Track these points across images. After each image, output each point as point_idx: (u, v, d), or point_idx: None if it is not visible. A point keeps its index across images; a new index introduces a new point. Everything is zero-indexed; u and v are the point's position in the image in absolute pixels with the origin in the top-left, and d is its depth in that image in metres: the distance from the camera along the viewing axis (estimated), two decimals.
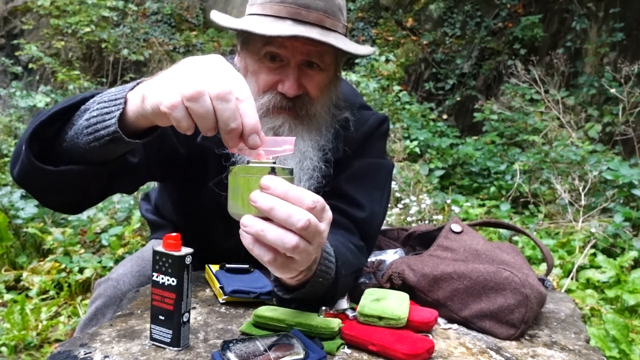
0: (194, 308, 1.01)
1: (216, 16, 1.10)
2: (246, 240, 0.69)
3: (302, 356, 0.77)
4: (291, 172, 0.72)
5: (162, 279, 0.80)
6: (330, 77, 1.13)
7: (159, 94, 0.69)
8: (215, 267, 1.17)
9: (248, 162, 0.72)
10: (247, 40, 1.09)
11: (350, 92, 1.28)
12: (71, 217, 3.45)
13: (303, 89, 1.08)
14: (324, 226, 0.71)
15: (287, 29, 1.00)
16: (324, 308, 0.93)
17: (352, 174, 1.19)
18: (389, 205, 3.92)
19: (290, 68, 1.06)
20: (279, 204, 0.66)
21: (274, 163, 0.70)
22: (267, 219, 0.68)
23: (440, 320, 1.02)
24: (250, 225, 0.68)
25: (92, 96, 0.88)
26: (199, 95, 0.65)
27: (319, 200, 0.70)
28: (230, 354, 0.76)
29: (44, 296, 2.80)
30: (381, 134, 1.27)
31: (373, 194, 1.19)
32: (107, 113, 0.80)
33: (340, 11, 1.09)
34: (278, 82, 1.07)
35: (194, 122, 0.67)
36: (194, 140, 1.10)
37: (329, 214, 0.73)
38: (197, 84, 0.65)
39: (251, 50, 1.09)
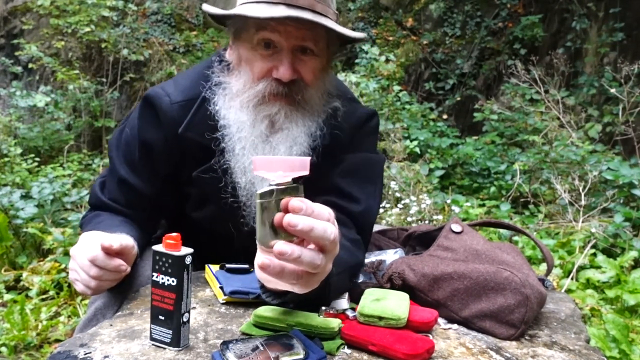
0: (194, 308, 1.01)
1: (209, 8, 1.12)
2: (274, 270, 0.70)
3: (302, 356, 0.77)
4: (302, 188, 0.74)
5: (162, 279, 0.80)
6: (323, 64, 1.15)
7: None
8: (215, 267, 1.17)
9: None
10: (240, 30, 1.12)
11: (341, 85, 1.31)
12: (71, 217, 3.45)
13: (297, 74, 1.10)
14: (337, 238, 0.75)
15: (281, 11, 1.02)
16: (324, 308, 0.93)
17: (345, 169, 1.20)
18: (389, 205, 3.94)
19: (284, 53, 1.08)
20: (316, 222, 0.69)
21: (293, 183, 0.71)
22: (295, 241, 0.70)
23: (440, 320, 1.02)
24: (290, 252, 0.68)
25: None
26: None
27: (331, 211, 0.73)
28: (230, 354, 0.76)
29: (43, 296, 2.80)
30: (371, 129, 1.29)
31: (367, 187, 1.21)
32: None
33: None
34: (272, 69, 1.09)
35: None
36: (175, 132, 1.14)
37: (336, 224, 0.76)
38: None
39: (244, 39, 1.11)
